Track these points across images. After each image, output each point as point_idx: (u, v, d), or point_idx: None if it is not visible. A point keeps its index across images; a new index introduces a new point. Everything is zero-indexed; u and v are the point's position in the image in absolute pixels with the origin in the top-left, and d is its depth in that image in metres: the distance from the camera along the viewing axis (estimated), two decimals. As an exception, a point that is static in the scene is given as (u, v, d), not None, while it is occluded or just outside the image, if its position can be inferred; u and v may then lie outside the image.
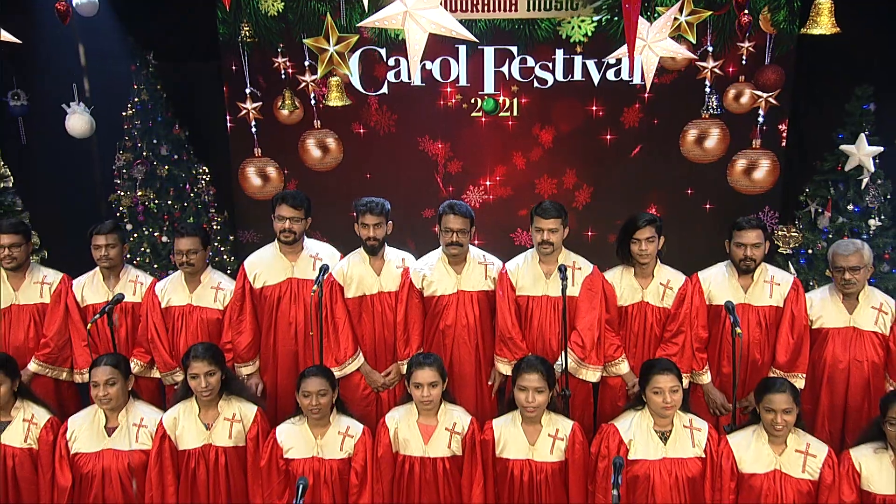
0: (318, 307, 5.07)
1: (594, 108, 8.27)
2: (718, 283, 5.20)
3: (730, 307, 4.86)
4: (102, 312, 5.09)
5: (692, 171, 7.93)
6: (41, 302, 5.53)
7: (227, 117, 8.57)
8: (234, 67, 8.53)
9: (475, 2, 8.65)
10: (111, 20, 8.05)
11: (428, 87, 8.59)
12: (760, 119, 8.04)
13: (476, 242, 5.61)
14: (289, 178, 8.19)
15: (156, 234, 8.05)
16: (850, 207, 7.29)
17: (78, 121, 7.33)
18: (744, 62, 8.07)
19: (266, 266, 5.41)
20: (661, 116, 8.04)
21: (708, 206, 7.95)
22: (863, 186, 7.22)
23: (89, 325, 5.14)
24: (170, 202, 8.41)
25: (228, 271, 6.93)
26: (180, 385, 4.91)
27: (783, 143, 8.00)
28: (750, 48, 7.99)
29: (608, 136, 8.08)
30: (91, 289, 5.58)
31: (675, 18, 7.71)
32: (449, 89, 8.48)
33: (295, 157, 8.38)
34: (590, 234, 7.46)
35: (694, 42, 7.79)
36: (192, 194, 8.39)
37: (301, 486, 4.08)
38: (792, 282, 5.17)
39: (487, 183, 8.15)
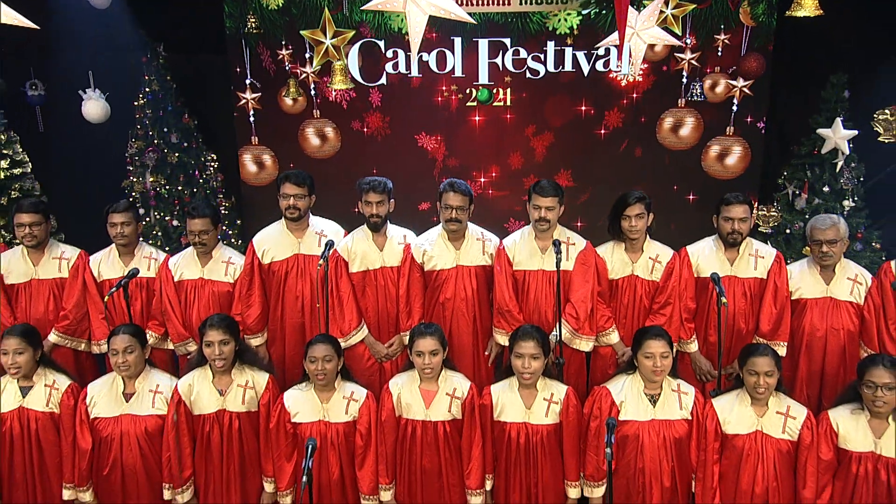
0: (323, 281, 5.09)
1: (583, 99, 8.34)
2: (706, 256, 5.22)
3: (716, 278, 4.89)
4: (119, 286, 5.12)
5: (672, 161, 8.02)
6: (60, 277, 5.53)
7: (235, 108, 8.60)
8: (240, 59, 8.54)
9: (472, -3, 8.64)
10: (123, 13, 8.05)
11: (425, 80, 8.56)
12: (735, 108, 8.08)
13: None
14: (286, 166, 8.10)
15: (167, 218, 8.06)
16: (826, 189, 7.35)
17: (94, 106, 7.33)
18: (719, 54, 8.11)
19: (273, 242, 5.42)
20: (645, 110, 8.14)
21: (691, 196, 8.03)
22: (837, 169, 7.27)
23: (106, 298, 5.17)
24: (180, 188, 8.45)
25: (236, 254, 6.94)
26: (195, 353, 4.91)
27: (762, 130, 8.00)
28: (726, 41, 8.01)
29: (600, 131, 8.20)
30: (107, 264, 5.57)
31: (661, 11, 7.74)
32: (443, 87, 8.50)
33: (295, 146, 8.41)
34: (578, 224, 7.52)
35: (679, 34, 7.80)
36: (201, 180, 8.42)
37: (310, 447, 4.09)
38: (775, 255, 5.20)
39: (482, 179, 8.20)
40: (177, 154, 8.47)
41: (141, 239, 5.81)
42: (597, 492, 4.56)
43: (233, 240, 7.84)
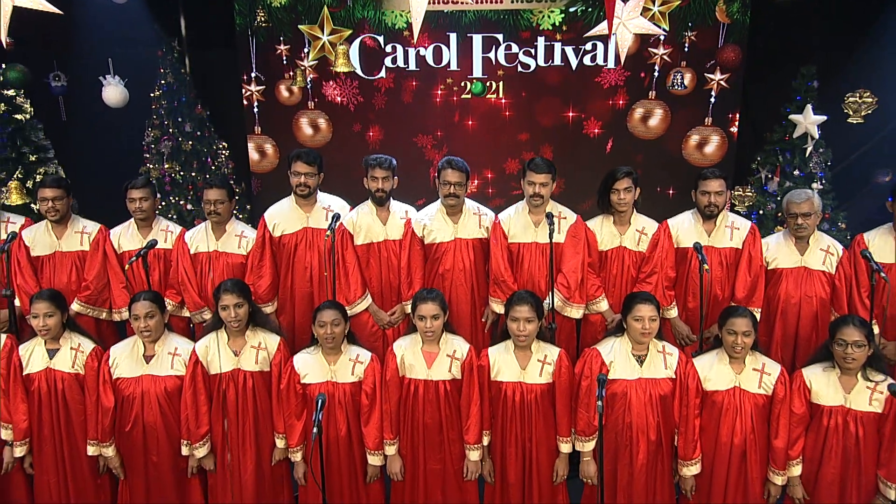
0: (331, 251, 5.07)
1: (570, 90, 8.40)
2: (685, 228, 5.23)
3: (698, 247, 4.91)
4: (139, 255, 5.11)
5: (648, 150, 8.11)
6: (81, 249, 5.51)
7: (244, 99, 8.67)
8: (247, 54, 8.59)
9: (467, -7, 8.63)
10: (140, 10, 8.04)
11: (422, 75, 8.57)
12: (713, 100, 8.10)
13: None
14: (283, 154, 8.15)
15: (181, 202, 8.06)
16: (796, 173, 7.40)
17: (113, 92, 7.32)
18: (686, 50, 8.14)
19: (284, 217, 5.39)
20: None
21: (671, 191, 8.08)
22: (807, 154, 7.32)
23: (127, 266, 5.17)
24: (193, 174, 8.50)
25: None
26: (210, 318, 4.86)
27: (737, 118, 8.05)
28: (692, 37, 8.05)
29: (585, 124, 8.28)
30: (126, 237, 5.56)
31: (648, 9, 7.75)
32: (440, 91, 8.55)
33: (290, 135, 8.51)
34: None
35: (667, 29, 7.86)
36: (213, 167, 8.45)
37: (320, 401, 4.09)
38: (750, 227, 5.21)
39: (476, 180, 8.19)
40: (190, 142, 8.48)
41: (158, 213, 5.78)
42: (587, 445, 4.55)
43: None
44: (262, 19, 8.44)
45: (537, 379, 4.54)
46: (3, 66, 7.65)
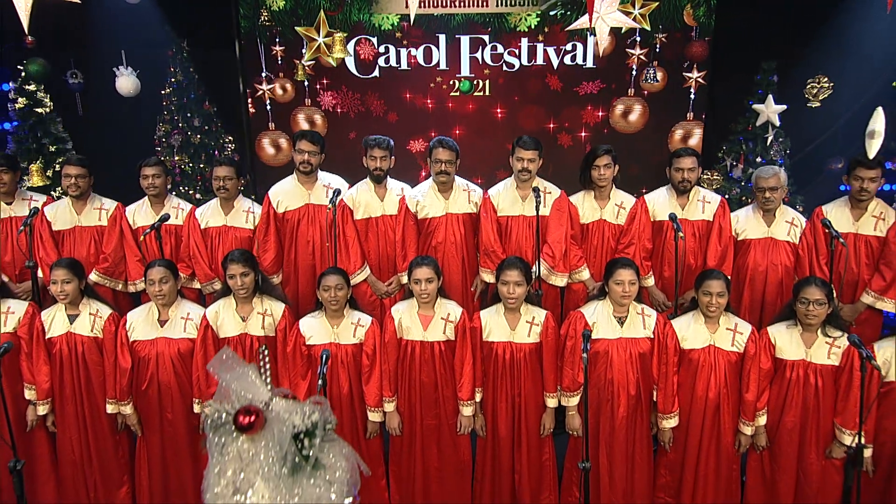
0: (332, 224, 5.01)
1: (552, 87, 8.38)
2: (661, 202, 5.21)
3: (673, 217, 4.90)
4: (153, 228, 5.08)
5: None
6: (100, 224, 5.44)
7: (248, 96, 8.62)
8: (253, 54, 8.56)
9: (454, -1, 8.63)
10: (152, 13, 8.01)
11: (414, 75, 8.52)
12: (693, 96, 8.13)
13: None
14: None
15: (191, 192, 8.00)
16: (758, 160, 7.43)
17: (126, 81, 7.27)
18: (658, 50, 8.17)
19: (287, 194, 5.34)
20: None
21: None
22: (768, 143, 7.33)
23: (142, 237, 5.13)
24: (202, 165, 8.47)
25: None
26: (220, 287, 4.80)
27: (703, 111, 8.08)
28: (663, 38, 8.07)
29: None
30: (141, 214, 5.49)
31: (629, 12, 7.76)
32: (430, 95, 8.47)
33: (288, 131, 8.51)
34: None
35: (649, 29, 7.88)
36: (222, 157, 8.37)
37: (324, 356, 4.04)
38: (720, 200, 5.21)
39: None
40: (199, 136, 8.45)
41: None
42: (572, 400, 4.53)
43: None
44: (266, 18, 8.40)
45: (526, 339, 4.51)
46: (25, 61, 7.62)
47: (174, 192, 7.47)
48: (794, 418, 4.42)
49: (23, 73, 7.61)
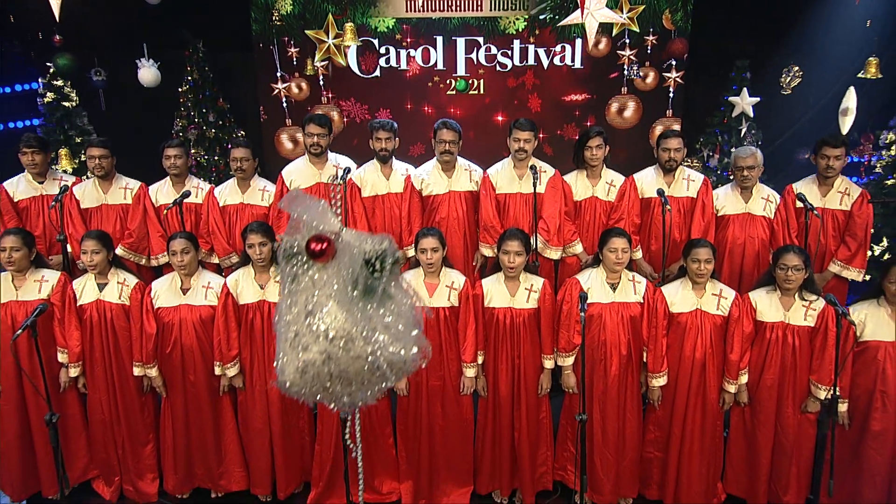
0: (342, 198, 4.98)
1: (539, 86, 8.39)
2: (648, 181, 5.17)
3: (661, 192, 4.86)
4: (175, 203, 5.00)
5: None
6: (125, 203, 5.37)
7: (258, 94, 8.63)
8: (267, 56, 8.58)
9: (450, 3, 8.60)
10: (170, 17, 7.98)
11: (413, 74, 8.52)
12: (671, 95, 8.14)
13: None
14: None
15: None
16: (733, 150, 7.33)
17: (147, 73, 7.23)
18: (648, 51, 8.16)
19: (299, 173, 5.28)
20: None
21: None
22: (742, 135, 7.33)
23: (165, 211, 5.07)
24: (216, 157, 8.43)
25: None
26: (237, 261, 4.74)
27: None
28: (653, 41, 8.06)
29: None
30: (163, 192, 5.41)
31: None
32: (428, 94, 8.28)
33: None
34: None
35: (638, 31, 7.89)
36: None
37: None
38: (703, 179, 5.17)
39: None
40: (213, 130, 8.43)
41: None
42: (568, 360, 4.49)
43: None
44: (276, 18, 8.37)
45: (525, 304, 4.46)
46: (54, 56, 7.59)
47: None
48: (773, 376, 4.40)
49: (51, 70, 7.57)
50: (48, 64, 7.58)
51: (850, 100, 6.31)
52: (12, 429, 4.63)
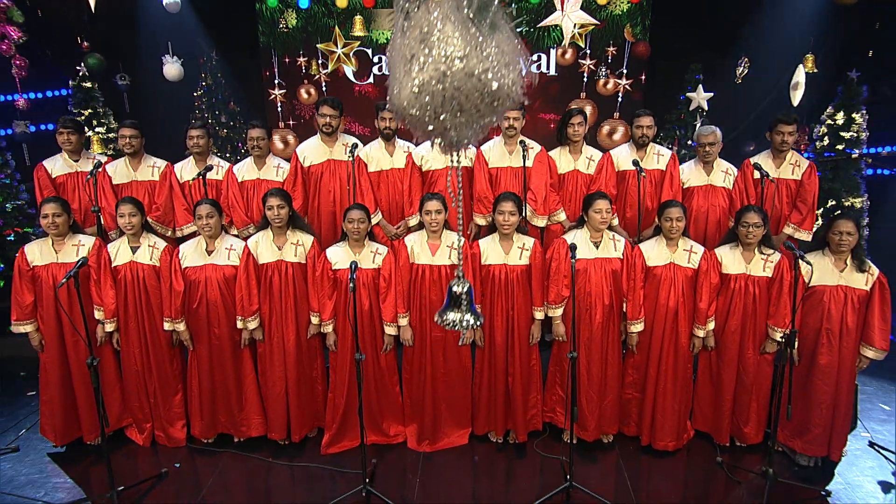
0: (351, 172, 4.95)
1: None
2: (623, 155, 5.16)
3: (636, 162, 4.86)
4: (198, 176, 4.94)
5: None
6: (152, 180, 5.24)
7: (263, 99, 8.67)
8: (269, 65, 8.63)
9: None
10: (188, 27, 7.94)
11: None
12: (619, 99, 8.21)
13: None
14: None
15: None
16: (690, 143, 7.42)
17: (171, 68, 7.13)
18: (609, 60, 8.25)
19: (312, 151, 5.18)
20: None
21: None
22: (695, 135, 7.34)
23: (192, 180, 4.99)
24: (228, 155, 8.30)
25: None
26: (258, 223, 4.67)
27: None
28: (613, 51, 8.14)
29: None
30: (187, 170, 5.30)
31: (571, 31, 7.82)
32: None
33: (310, 126, 8.46)
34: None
35: (583, 46, 7.92)
36: (243, 150, 8.28)
37: (353, 265, 3.94)
38: (671, 154, 5.15)
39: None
40: (225, 130, 8.35)
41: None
42: (557, 311, 4.46)
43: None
44: (283, 27, 8.33)
45: (518, 261, 4.43)
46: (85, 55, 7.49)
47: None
48: (736, 322, 4.41)
49: (80, 73, 7.45)
50: (77, 68, 7.46)
51: (800, 75, 6.36)
52: (55, 379, 4.51)
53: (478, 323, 2.06)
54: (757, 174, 4.90)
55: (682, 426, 4.63)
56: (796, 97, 6.26)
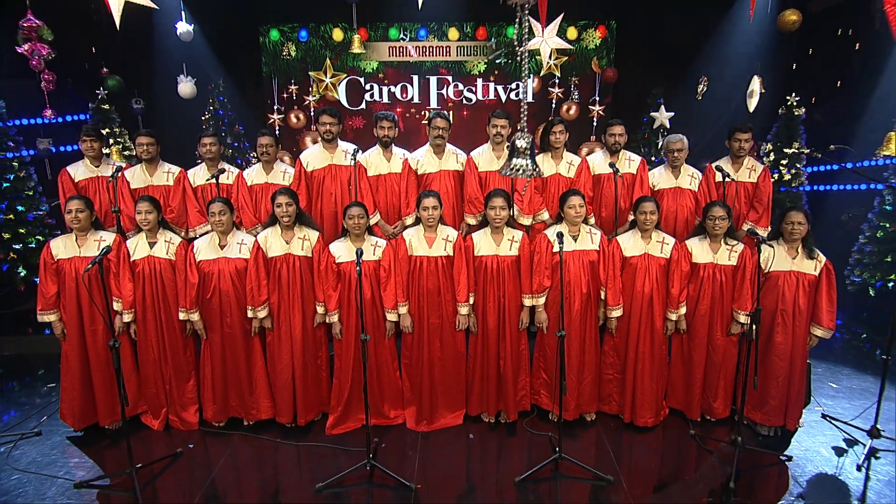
0: (353, 173, 4.91)
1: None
2: (599, 161, 5.17)
3: (612, 165, 4.89)
4: (212, 178, 4.89)
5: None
6: (167, 184, 5.13)
7: (266, 122, 8.72)
8: (270, 92, 8.68)
9: (425, 50, 8.69)
10: (198, 57, 7.92)
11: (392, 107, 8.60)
12: (595, 123, 8.29)
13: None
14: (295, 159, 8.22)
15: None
16: (653, 159, 7.50)
17: (185, 87, 7.07)
18: (574, 89, 8.37)
19: (314, 157, 5.13)
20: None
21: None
22: (660, 147, 7.44)
23: (206, 181, 4.91)
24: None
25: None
26: (268, 219, 4.60)
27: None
28: (576, 81, 8.27)
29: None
30: (199, 175, 5.22)
31: (547, 62, 7.91)
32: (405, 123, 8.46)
33: (298, 148, 8.59)
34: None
35: (559, 75, 8.02)
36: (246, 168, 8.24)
37: (359, 252, 3.90)
38: (640, 159, 5.18)
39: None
40: (230, 150, 8.27)
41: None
42: (540, 300, 4.43)
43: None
44: (285, 55, 8.36)
45: (508, 252, 4.41)
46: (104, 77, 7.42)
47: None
48: (705, 307, 4.42)
49: (100, 96, 7.38)
50: (97, 91, 7.38)
51: (755, 84, 6.45)
52: (75, 367, 4.37)
53: (536, 170, 2.36)
54: (719, 176, 4.95)
55: (659, 403, 4.60)
56: (752, 104, 6.37)
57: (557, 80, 8.55)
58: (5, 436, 4.49)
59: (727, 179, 4.81)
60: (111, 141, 7.36)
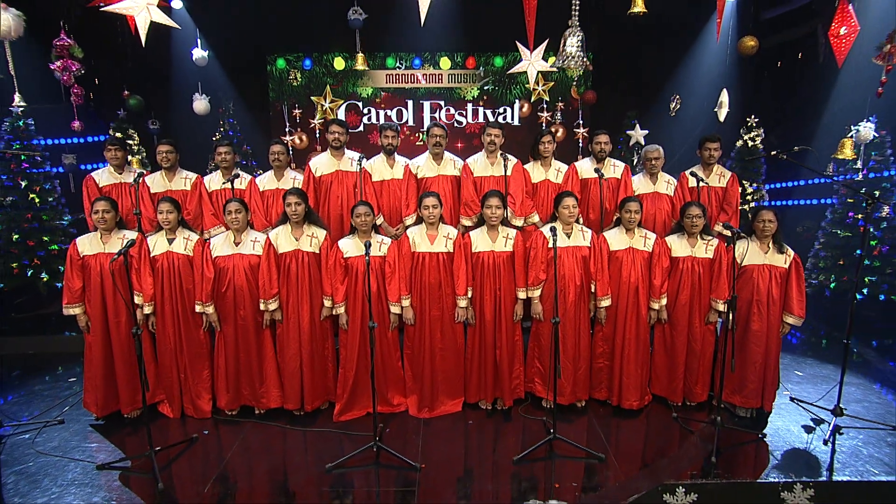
0: (359, 178, 4.88)
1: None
2: (585, 167, 5.17)
3: (598, 170, 4.90)
4: (227, 181, 4.88)
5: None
6: (184, 189, 5.07)
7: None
8: (280, 116, 8.73)
9: (420, 78, 8.73)
10: (210, 81, 7.90)
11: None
12: (581, 144, 8.35)
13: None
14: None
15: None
16: (643, 148, 7.53)
17: (200, 104, 7.03)
18: (559, 113, 8.42)
19: (322, 163, 5.09)
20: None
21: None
22: (635, 163, 7.49)
23: (222, 184, 4.85)
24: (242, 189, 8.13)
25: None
26: (280, 216, 4.54)
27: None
28: (561, 106, 8.33)
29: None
30: (214, 180, 5.17)
31: (535, 88, 7.98)
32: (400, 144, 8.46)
33: (302, 168, 8.47)
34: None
35: (548, 100, 8.08)
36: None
37: (367, 245, 3.85)
38: (624, 166, 5.18)
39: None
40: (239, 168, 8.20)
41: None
42: (535, 293, 4.39)
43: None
44: (292, 79, 8.37)
45: (503, 249, 4.38)
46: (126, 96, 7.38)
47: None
48: (685, 297, 4.40)
49: (121, 116, 7.33)
50: (117, 112, 7.34)
51: (724, 95, 6.52)
52: (98, 357, 4.26)
53: (583, 57, 2.37)
54: (693, 181, 4.99)
55: (643, 388, 4.55)
56: (722, 114, 6.45)
57: (545, 105, 8.64)
58: (30, 423, 4.35)
59: (701, 184, 4.84)
60: (130, 156, 7.30)
